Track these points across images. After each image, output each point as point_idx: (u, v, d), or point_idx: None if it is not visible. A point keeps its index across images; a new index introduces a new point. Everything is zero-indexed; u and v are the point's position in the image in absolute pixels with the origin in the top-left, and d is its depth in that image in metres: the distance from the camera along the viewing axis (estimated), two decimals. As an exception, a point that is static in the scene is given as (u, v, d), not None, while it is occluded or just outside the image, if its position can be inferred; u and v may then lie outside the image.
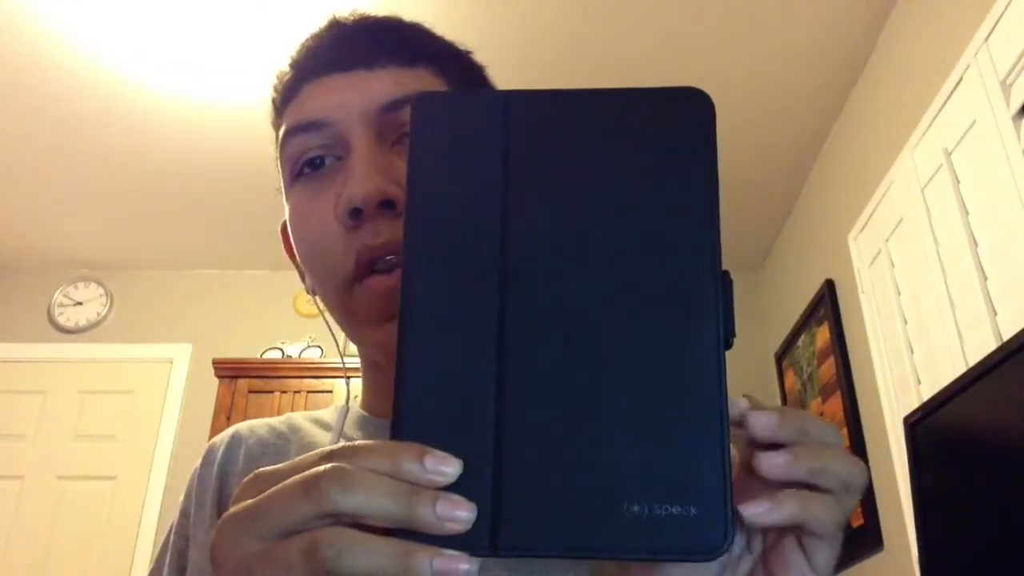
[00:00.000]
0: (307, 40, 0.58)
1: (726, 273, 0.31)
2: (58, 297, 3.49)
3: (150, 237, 3.32)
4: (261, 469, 0.30)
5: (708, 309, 0.30)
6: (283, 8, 2.15)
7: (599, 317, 0.29)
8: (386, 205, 0.49)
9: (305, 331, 3.31)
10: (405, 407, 0.29)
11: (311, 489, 0.27)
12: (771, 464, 0.30)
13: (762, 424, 0.30)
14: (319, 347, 3.19)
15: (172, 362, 3.37)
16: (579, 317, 0.29)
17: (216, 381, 2.97)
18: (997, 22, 1.63)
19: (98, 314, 3.47)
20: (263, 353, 3.18)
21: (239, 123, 2.61)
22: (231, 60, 2.34)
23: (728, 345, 0.30)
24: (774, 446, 0.31)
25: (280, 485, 0.28)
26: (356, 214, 0.49)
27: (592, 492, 0.28)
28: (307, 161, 0.53)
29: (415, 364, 0.29)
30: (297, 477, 0.28)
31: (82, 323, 3.45)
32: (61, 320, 3.45)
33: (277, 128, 0.58)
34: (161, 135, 2.67)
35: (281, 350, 3.19)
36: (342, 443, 0.29)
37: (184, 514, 0.57)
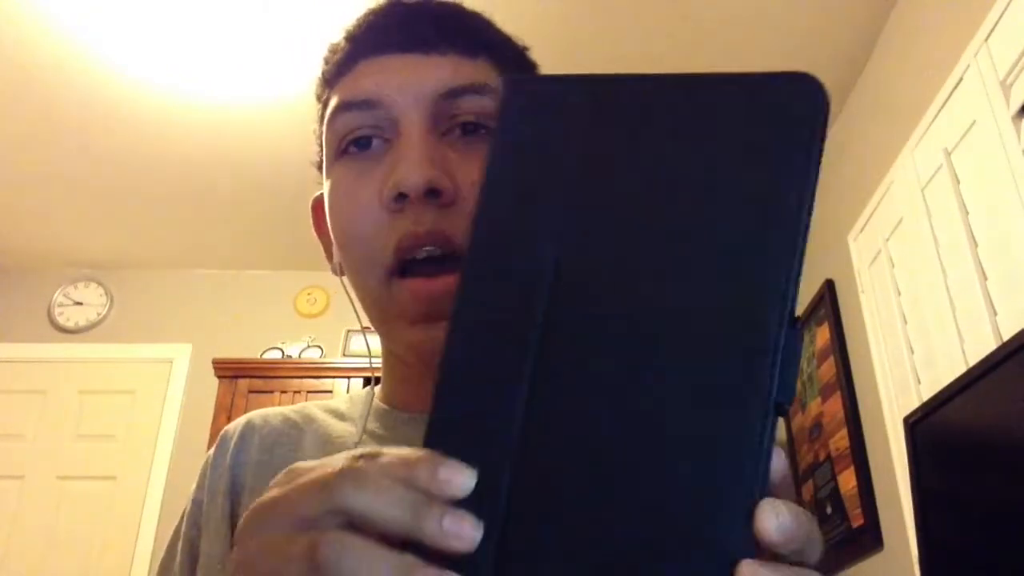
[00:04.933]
0: (366, 14, 0.56)
1: (797, 321, 0.26)
2: (58, 297, 3.49)
3: (150, 237, 3.32)
4: (297, 463, 0.30)
5: (764, 368, 0.25)
6: (285, 9, 2.15)
7: (639, 365, 0.26)
8: (432, 194, 0.48)
9: (305, 331, 3.31)
10: (434, 426, 0.28)
11: (327, 484, 0.27)
12: None
13: (781, 527, 0.25)
14: (319, 347, 3.19)
15: (172, 362, 3.37)
16: (617, 364, 0.26)
17: (216, 381, 2.97)
18: (997, 22, 1.63)
19: (98, 314, 3.47)
20: (263, 353, 3.18)
21: (240, 123, 2.61)
22: (232, 61, 2.34)
23: (781, 412, 0.25)
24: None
25: (304, 478, 0.29)
26: (401, 199, 0.48)
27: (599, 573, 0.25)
28: (354, 140, 0.52)
29: (453, 382, 0.27)
30: (318, 472, 0.28)
31: (82, 323, 3.45)
32: (61, 320, 3.45)
33: (323, 100, 0.57)
34: (162, 135, 2.67)
35: (281, 350, 3.19)
36: (370, 446, 0.29)
37: (196, 503, 0.57)
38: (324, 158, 0.56)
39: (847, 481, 2.38)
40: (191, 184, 2.95)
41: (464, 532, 0.26)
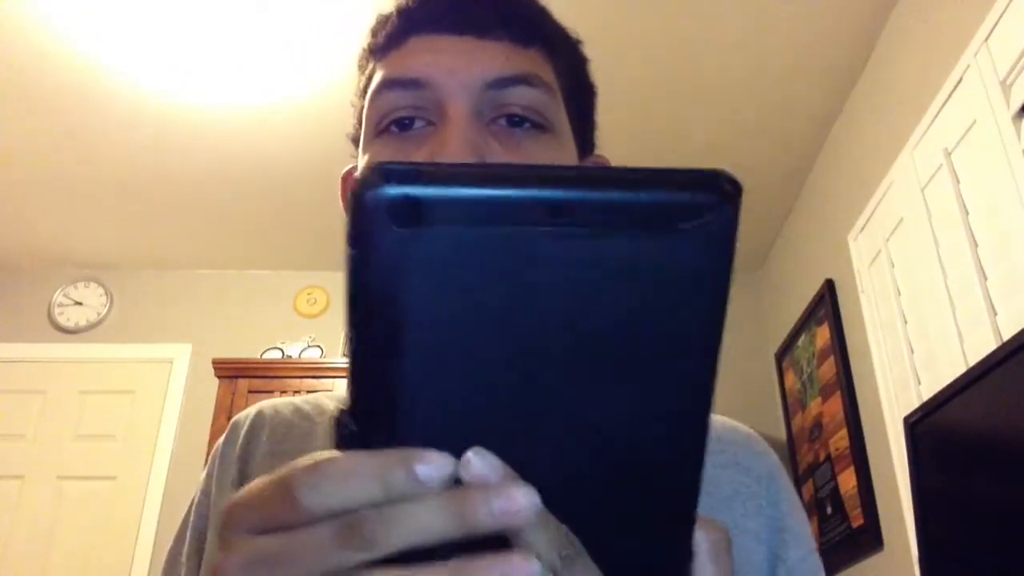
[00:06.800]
0: None
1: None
2: (58, 297, 3.49)
3: (150, 237, 3.32)
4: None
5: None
6: (284, 10, 2.15)
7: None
8: None
9: (305, 331, 3.31)
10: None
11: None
12: None
13: None
14: (319, 347, 3.19)
15: (172, 362, 3.37)
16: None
17: (216, 381, 2.97)
18: (997, 22, 1.63)
19: (98, 314, 3.47)
20: (263, 353, 3.18)
21: (239, 124, 2.61)
22: (231, 62, 2.34)
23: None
24: None
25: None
26: None
27: None
28: (396, 120, 0.51)
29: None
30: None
31: (82, 323, 3.44)
32: (61, 320, 3.45)
33: (368, 73, 0.55)
34: (162, 136, 2.67)
35: (281, 350, 3.19)
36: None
37: (204, 493, 0.56)
38: (363, 133, 0.54)
39: (847, 481, 2.38)
40: (191, 184, 2.95)
41: (520, 507, 0.23)
